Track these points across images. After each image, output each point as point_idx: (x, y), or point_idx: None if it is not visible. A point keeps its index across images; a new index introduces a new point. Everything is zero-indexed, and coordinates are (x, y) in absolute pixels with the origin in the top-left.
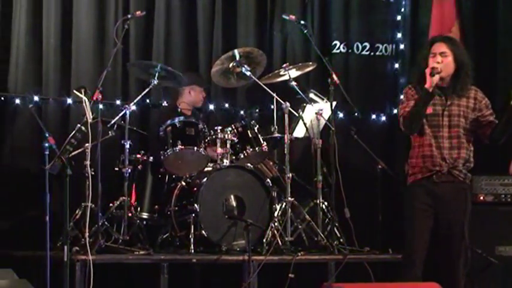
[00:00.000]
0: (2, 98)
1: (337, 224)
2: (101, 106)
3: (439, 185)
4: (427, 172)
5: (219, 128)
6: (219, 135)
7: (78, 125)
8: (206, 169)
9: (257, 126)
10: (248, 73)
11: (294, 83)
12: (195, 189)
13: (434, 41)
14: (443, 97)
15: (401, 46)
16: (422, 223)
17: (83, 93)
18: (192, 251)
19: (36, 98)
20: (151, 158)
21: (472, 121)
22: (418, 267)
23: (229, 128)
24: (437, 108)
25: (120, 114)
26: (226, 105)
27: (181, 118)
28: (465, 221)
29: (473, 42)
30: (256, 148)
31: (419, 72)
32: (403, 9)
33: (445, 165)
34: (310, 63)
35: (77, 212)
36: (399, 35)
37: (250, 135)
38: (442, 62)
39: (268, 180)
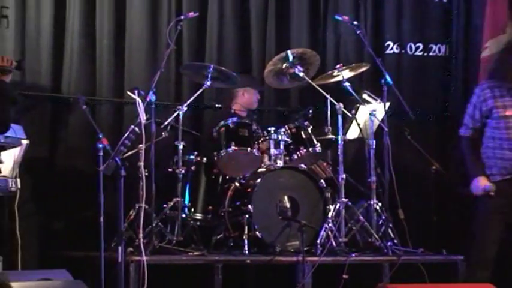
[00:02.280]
0: (56, 100)
1: (391, 225)
2: (154, 107)
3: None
4: (507, 175)
5: (273, 128)
6: (273, 136)
7: (132, 126)
8: (260, 170)
9: (310, 127)
10: (301, 74)
11: (347, 84)
12: (249, 190)
13: None
14: None
15: (455, 46)
16: (496, 225)
17: (136, 94)
18: (246, 252)
19: (89, 99)
20: (204, 159)
21: None
22: (490, 270)
23: (283, 129)
24: None
25: (174, 115)
26: (280, 106)
27: (235, 119)
28: None
29: None
30: (310, 149)
31: (505, 68)
32: (456, 9)
33: None
34: (363, 63)
35: (131, 213)
36: (453, 35)
37: (303, 136)
38: None
39: (322, 181)
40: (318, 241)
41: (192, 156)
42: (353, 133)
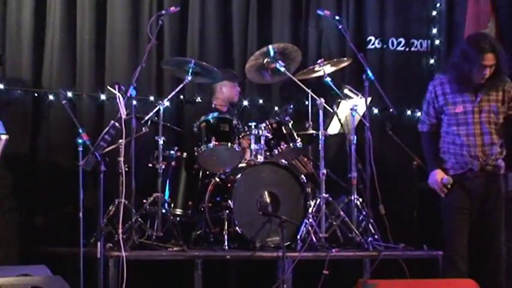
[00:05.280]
0: (36, 94)
1: (371, 221)
2: (134, 102)
3: (473, 179)
4: (459, 169)
5: (254, 124)
6: (254, 131)
7: (112, 121)
8: (240, 165)
9: (291, 122)
10: (283, 69)
11: (328, 79)
12: (229, 185)
13: (485, 51)
14: (472, 94)
15: (437, 42)
16: (460, 219)
17: (116, 89)
18: (226, 247)
19: (70, 94)
20: (185, 154)
21: (503, 113)
22: (462, 264)
23: (264, 124)
24: (467, 105)
25: (154, 110)
26: (261, 101)
27: (216, 114)
28: (500, 212)
29: (510, 36)
30: (291, 144)
31: (459, 73)
32: (438, 5)
33: (477, 164)
34: (345, 58)
35: (110, 208)
36: (435, 31)
37: (284, 132)
38: (487, 74)
39: (303, 176)
40: (299, 236)
41: (172, 152)
42: (334, 128)
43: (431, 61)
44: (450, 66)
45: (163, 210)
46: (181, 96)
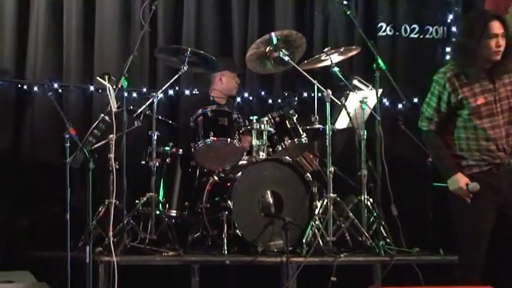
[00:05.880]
0: (19, 86)
1: (383, 223)
2: (126, 94)
3: (497, 176)
4: (485, 166)
5: (255, 117)
6: (255, 126)
7: (102, 115)
8: (241, 162)
9: (296, 115)
10: (286, 58)
11: (336, 69)
12: (229, 184)
13: (488, 19)
14: (490, 82)
15: (453, 28)
16: (484, 222)
17: (107, 80)
18: (225, 251)
19: (56, 86)
20: (180, 150)
21: None
22: (479, 272)
23: (266, 118)
24: (488, 95)
25: (147, 103)
26: (263, 93)
27: (214, 107)
28: None
29: None
30: (295, 140)
31: (468, 53)
32: None
33: (505, 157)
34: (354, 47)
35: (100, 209)
36: (451, 16)
37: (288, 126)
38: (501, 45)
39: (308, 174)
40: (304, 240)
41: (167, 148)
42: (342, 122)
43: (447, 49)
44: (457, 49)
45: (157, 212)
46: (177, 88)
